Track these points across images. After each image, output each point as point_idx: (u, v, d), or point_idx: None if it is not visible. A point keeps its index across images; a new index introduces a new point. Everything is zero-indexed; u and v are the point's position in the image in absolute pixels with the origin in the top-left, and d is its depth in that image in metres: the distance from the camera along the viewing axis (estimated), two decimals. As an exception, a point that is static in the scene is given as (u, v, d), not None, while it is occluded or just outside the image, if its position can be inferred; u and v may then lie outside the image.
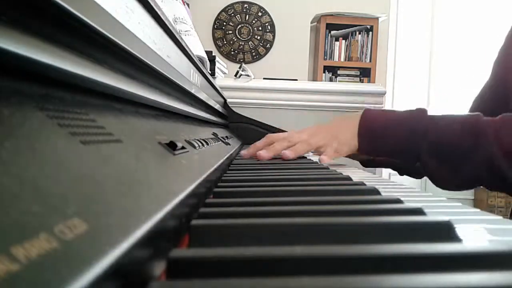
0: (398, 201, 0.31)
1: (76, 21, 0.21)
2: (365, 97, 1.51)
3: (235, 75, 1.54)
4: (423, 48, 3.55)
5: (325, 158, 0.74)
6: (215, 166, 0.42)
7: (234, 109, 1.43)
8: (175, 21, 1.07)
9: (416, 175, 0.90)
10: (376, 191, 0.37)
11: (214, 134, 0.77)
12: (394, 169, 0.93)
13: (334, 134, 0.77)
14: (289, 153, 0.74)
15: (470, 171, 0.65)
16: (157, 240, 0.18)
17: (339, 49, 3.32)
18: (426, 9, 3.53)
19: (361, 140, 0.74)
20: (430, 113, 0.71)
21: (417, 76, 3.54)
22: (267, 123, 1.43)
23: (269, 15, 3.36)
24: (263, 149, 0.77)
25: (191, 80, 0.62)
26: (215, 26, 3.36)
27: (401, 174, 0.93)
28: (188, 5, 1.49)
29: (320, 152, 0.77)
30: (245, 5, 3.35)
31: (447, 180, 0.69)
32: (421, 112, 0.71)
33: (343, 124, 0.78)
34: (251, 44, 3.37)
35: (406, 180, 0.93)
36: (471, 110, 0.90)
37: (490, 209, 3.18)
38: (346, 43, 3.32)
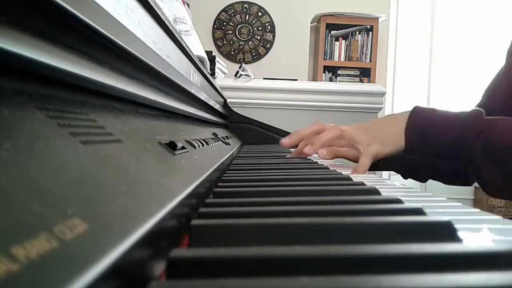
0: (398, 201, 0.31)
1: (76, 21, 0.21)
2: (365, 97, 1.51)
3: (235, 75, 1.54)
4: (423, 48, 3.55)
5: (360, 168, 0.65)
6: (215, 166, 0.42)
7: (234, 109, 1.43)
8: (175, 21, 1.07)
9: (422, 178, 0.86)
10: (376, 191, 0.37)
11: (214, 134, 0.77)
12: (397, 171, 0.88)
13: (374, 133, 0.68)
14: (359, 171, 0.66)
15: None
16: (157, 240, 0.18)
17: (339, 49, 3.32)
18: (426, 9, 3.53)
19: (410, 139, 0.66)
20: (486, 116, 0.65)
21: (417, 76, 3.54)
22: (267, 123, 1.43)
23: (269, 15, 3.36)
24: (309, 143, 0.71)
25: (191, 80, 0.62)
26: (215, 26, 3.36)
27: (404, 177, 0.89)
28: (188, 5, 1.49)
29: (353, 153, 0.70)
30: (245, 5, 3.35)
31: (500, 186, 0.63)
32: (477, 112, 0.65)
33: (385, 121, 0.70)
34: (251, 44, 3.37)
35: (406, 180, 0.92)
36: (483, 100, 0.85)
37: (490, 209, 3.18)
38: (346, 43, 3.32)
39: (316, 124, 0.74)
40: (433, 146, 0.66)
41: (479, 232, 0.26)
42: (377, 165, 0.84)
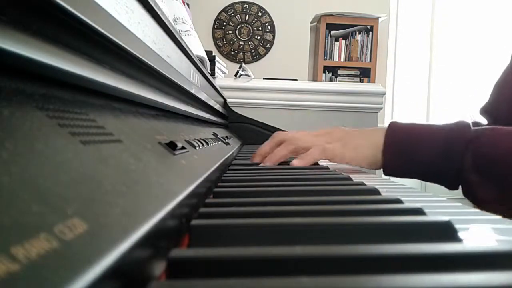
0: (398, 201, 0.31)
1: (76, 21, 0.21)
2: (365, 97, 1.51)
3: (235, 75, 1.54)
4: (423, 48, 3.55)
5: (296, 162, 0.61)
6: (215, 166, 0.42)
7: (234, 109, 1.43)
8: (175, 21, 1.07)
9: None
10: (376, 191, 0.37)
11: (214, 134, 0.77)
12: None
13: (347, 143, 0.64)
14: (296, 162, 0.63)
15: None
16: (157, 240, 0.18)
17: (339, 49, 3.32)
18: (426, 9, 3.53)
19: (389, 158, 0.61)
20: (472, 127, 0.59)
21: (417, 76, 3.54)
22: (267, 123, 1.43)
23: (269, 15, 3.36)
24: (268, 156, 0.66)
25: (191, 80, 0.62)
26: (215, 26, 3.36)
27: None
28: (188, 5, 1.49)
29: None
30: (245, 5, 3.35)
31: (496, 201, 0.57)
32: (463, 124, 0.59)
33: (362, 134, 0.65)
34: (251, 44, 3.37)
35: (406, 180, 0.92)
36: (491, 98, 0.81)
37: (490, 209, 3.17)
38: (346, 43, 3.32)
39: (274, 137, 0.69)
40: (415, 165, 0.60)
41: (479, 232, 0.26)
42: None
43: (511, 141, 0.55)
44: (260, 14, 3.36)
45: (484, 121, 0.82)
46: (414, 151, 0.60)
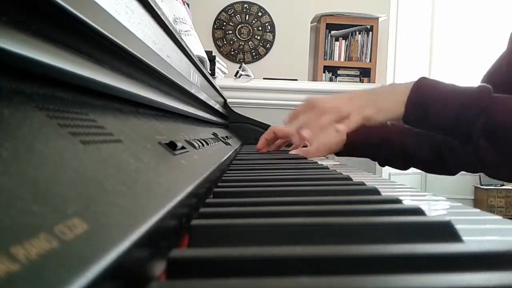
0: (398, 201, 0.31)
1: (76, 21, 0.21)
2: (365, 97, 1.51)
3: (235, 75, 1.54)
4: (423, 48, 3.55)
5: (341, 127, 0.66)
6: (215, 166, 0.42)
7: (234, 109, 1.43)
8: (175, 21, 1.07)
9: (400, 166, 0.85)
10: (376, 191, 0.36)
11: (214, 134, 0.77)
12: (372, 158, 0.88)
13: (374, 98, 0.68)
14: (342, 127, 0.68)
15: None
16: (157, 240, 0.18)
17: (339, 49, 3.32)
18: (426, 9, 3.53)
19: (410, 108, 0.65)
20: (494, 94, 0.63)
21: (417, 76, 3.53)
22: (267, 123, 1.43)
23: (269, 15, 3.36)
24: (307, 125, 0.71)
25: (191, 80, 0.62)
26: (215, 26, 3.36)
27: (381, 164, 0.89)
28: (188, 5, 1.49)
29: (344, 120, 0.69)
30: (245, 5, 3.35)
31: (499, 167, 0.62)
32: (484, 88, 0.62)
33: (389, 89, 0.70)
34: (251, 44, 3.37)
35: (406, 180, 0.92)
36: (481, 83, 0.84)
37: (490, 209, 3.18)
38: (346, 43, 3.32)
39: (310, 101, 0.74)
40: (432, 121, 0.64)
41: (479, 232, 0.26)
42: (350, 149, 0.82)
43: None
44: (260, 14, 3.36)
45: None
46: (433, 109, 0.63)
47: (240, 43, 3.37)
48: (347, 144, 0.81)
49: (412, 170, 0.92)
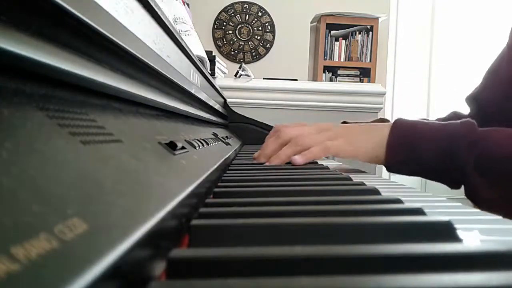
0: (398, 201, 0.31)
1: (76, 21, 0.21)
2: (365, 97, 1.51)
3: (235, 75, 1.54)
4: (423, 48, 3.55)
5: (298, 158, 0.61)
6: (215, 166, 0.42)
7: (234, 109, 1.43)
8: (175, 21, 1.07)
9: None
10: (376, 191, 0.36)
11: (214, 134, 0.77)
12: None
13: (350, 139, 0.64)
14: (298, 158, 0.63)
15: None
16: (157, 240, 0.18)
17: (339, 49, 3.32)
18: (426, 9, 3.53)
19: (392, 155, 0.61)
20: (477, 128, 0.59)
21: (417, 76, 3.54)
22: (267, 123, 1.43)
23: (269, 15, 3.36)
24: (272, 156, 0.66)
25: (191, 80, 0.62)
26: (215, 26, 3.36)
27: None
28: (188, 5, 1.49)
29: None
30: (245, 5, 3.35)
31: (498, 202, 0.57)
32: (468, 123, 0.59)
33: (364, 129, 0.65)
34: (251, 44, 3.37)
35: (406, 180, 0.93)
36: (482, 82, 0.81)
37: (490, 209, 3.17)
38: (346, 43, 3.32)
39: (277, 134, 0.69)
40: (418, 163, 0.60)
41: (479, 232, 0.26)
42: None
43: None
44: (260, 14, 3.36)
45: (467, 110, 0.83)
46: (418, 150, 0.59)
47: (240, 43, 3.37)
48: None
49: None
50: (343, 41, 3.32)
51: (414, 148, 0.60)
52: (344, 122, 0.82)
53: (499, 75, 0.77)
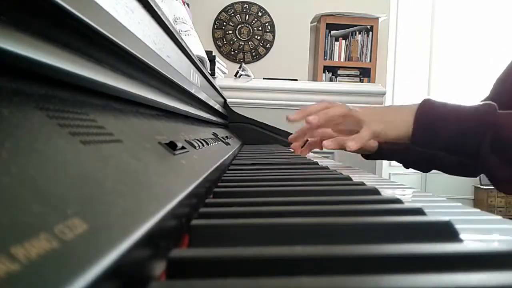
0: (398, 201, 0.31)
1: (76, 21, 0.21)
2: (365, 97, 1.51)
3: (235, 75, 1.54)
4: (423, 48, 3.55)
5: (357, 139, 0.66)
6: (215, 166, 0.42)
7: (234, 109, 1.43)
8: (175, 21, 1.07)
9: (423, 169, 0.89)
10: (376, 191, 0.37)
11: (214, 134, 0.77)
12: (399, 161, 0.91)
13: (381, 116, 0.70)
14: (353, 144, 0.67)
15: None
16: (157, 240, 0.18)
17: (339, 49, 3.32)
18: (426, 9, 3.53)
19: (417, 132, 0.66)
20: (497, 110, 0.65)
21: (417, 76, 3.54)
22: (267, 123, 1.43)
23: (269, 15, 3.36)
24: (315, 114, 0.71)
25: (191, 80, 0.62)
26: (215, 26, 3.36)
27: (406, 167, 0.92)
28: (188, 5, 1.49)
29: (358, 128, 0.70)
30: (245, 5, 3.35)
31: (510, 181, 0.62)
32: (489, 106, 0.64)
33: (394, 109, 0.72)
34: (251, 44, 3.37)
35: (406, 180, 0.93)
36: (491, 92, 0.86)
37: (490, 209, 3.18)
38: (346, 43, 3.32)
39: (323, 103, 0.74)
40: (439, 140, 0.65)
41: (479, 232, 0.26)
42: (382, 154, 0.86)
43: None
44: (260, 14, 3.36)
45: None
46: (440, 129, 0.65)
47: (240, 43, 3.37)
48: (379, 150, 0.85)
49: (412, 170, 0.94)
50: (343, 41, 3.32)
51: (437, 128, 0.65)
52: None
53: (506, 85, 0.82)
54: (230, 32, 3.37)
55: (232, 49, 3.37)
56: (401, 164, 0.93)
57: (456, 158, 0.80)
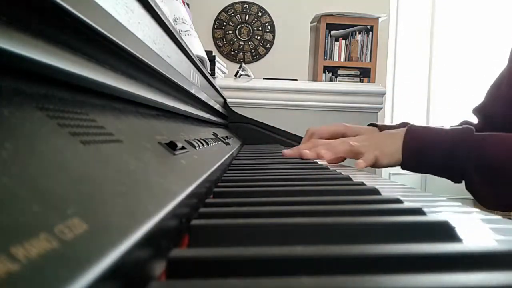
0: (398, 201, 0.31)
1: (76, 21, 0.21)
2: (365, 97, 1.51)
3: (235, 75, 1.54)
4: (423, 48, 3.55)
5: (361, 163, 0.72)
6: (215, 166, 0.42)
7: (234, 109, 1.43)
8: (175, 21, 1.07)
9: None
10: (376, 191, 0.36)
11: (214, 134, 0.77)
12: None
13: (377, 144, 0.75)
14: (325, 153, 0.74)
15: None
16: (157, 240, 0.18)
17: (339, 49, 3.32)
18: (426, 9, 3.53)
19: (406, 155, 0.72)
20: (476, 133, 0.70)
21: (417, 76, 3.54)
22: (267, 123, 1.43)
23: (269, 15, 3.36)
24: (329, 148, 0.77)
25: (191, 80, 0.62)
26: (215, 26, 3.36)
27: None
28: (188, 5, 1.49)
29: (358, 158, 0.75)
30: (245, 5, 3.35)
31: (492, 200, 0.68)
32: (467, 130, 0.70)
33: (386, 137, 0.77)
34: (251, 44, 3.37)
35: (406, 180, 0.94)
36: (485, 100, 0.90)
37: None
38: (346, 43, 3.32)
39: (313, 140, 0.81)
40: (427, 164, 0.72)
41: (479, 232, 0.26)
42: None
43: (508, 147, 0.65)
44: (260, 14, 3.36)
45: (475, 120, 0.93)
46: (427, 152, 0.71)
47: (240, 43, 3.37)
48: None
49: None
50: (343, 41, 3.32)
51: (423, 152, 0.71)
52: (372, 125, 0.94)
53: (503, 91, 0.85)
54: (230, 32, 3.37)
55: (232, 49, 3.37)
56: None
57: None
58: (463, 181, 0.70)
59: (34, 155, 0.15)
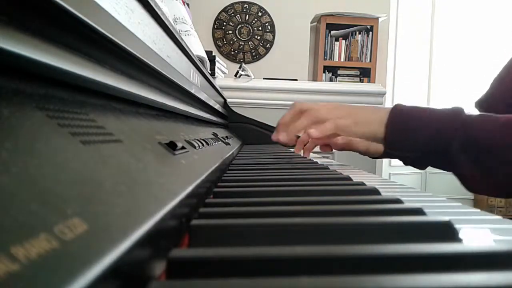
0: (398, 201, 0.31)
1: (76, 21, 0.21)
2: (365, 97, 1.51)
3: (235, 75, 1.54)
4: (423, 48, 3.55)
5: (313, 131, 0.69)
6: (215, 166, 0.42)
7: (234, 109, 1.43)
8: (175, 21, 1.07)
9: (421, 165, 0.90)
10: (376, 191, 0.37)
11: (214, 134, 0.77)
12: (400, 159, 0.92)
13: (354, 112, 0.72)
14: (313, 132, 0.71)
15: (505, 175, 0.61)
16: (157, 240, 0.18)
17: (339, 49, 3.32)
18: (426, 9, 3.53)
19: (390, 131, 0.68)
20: (467, 111, 0.66)
21: (417, 76, 3.54)
22: (267, 123, 1.43)
23: (269, 15, 3.36)
24: (285, 131, 0.75)
25: (191, 80, 0.62)
26: (215, 26, 3.36)
27: (405, 163, 0.93)
28: (188, 5, 1.49)
29: (365, 144, 0.73)
30: (245, 5, 3.35)
31: (479, 182, 0.64)
32: (457, 109, 0.67)
33: (366, 109, 0.73)
34: (251, 44, 3.37)
35: (406, 180, 0.93)
36: (490, 89, 0.88)
37: (490, 209, 3.18)
38: (346, 43, 3.32)
39: (294, 107, 0.77)
40: (413, 140, 0.68)
41: (479, 232, 0.26)
42: (390, 154, 0.87)
43: (496, 128, 0.61)
44: (260, 14, 3.36)
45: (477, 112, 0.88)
46: (412, 130, 0.67)
47: (240, 43, 3.37)
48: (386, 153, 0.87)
49: (412, 170, 0.94)
50: (343, 41, 3.32)
51: (409, 130, 0.67)
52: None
53: (506, 81, 0.83)
54: (230, 32, 3.37)
55: (232, 49, 3.37)
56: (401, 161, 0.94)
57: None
58: (450, 165, 0.67)
59: (34, 155, 0.15)
